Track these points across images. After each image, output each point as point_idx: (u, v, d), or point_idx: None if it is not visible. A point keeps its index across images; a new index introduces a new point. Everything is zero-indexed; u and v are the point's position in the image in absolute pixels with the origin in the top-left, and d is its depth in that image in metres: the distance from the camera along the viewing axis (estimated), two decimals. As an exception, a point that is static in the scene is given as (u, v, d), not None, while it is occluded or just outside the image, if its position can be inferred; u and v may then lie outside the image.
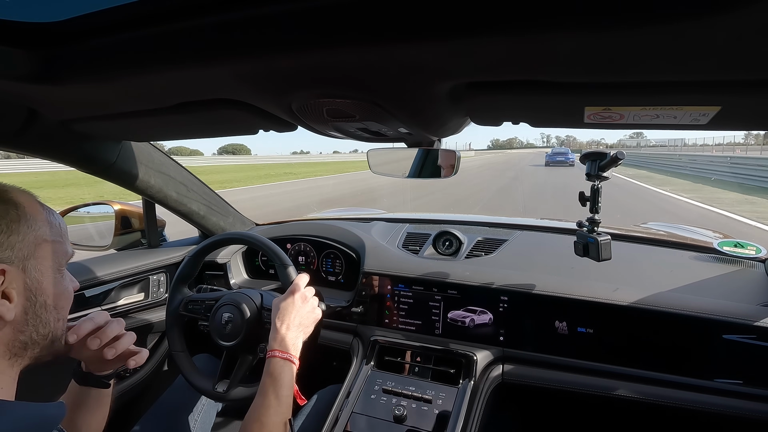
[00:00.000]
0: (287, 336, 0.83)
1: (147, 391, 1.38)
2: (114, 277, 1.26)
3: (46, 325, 0.54)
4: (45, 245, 0.54)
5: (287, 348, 0.82)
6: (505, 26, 0.34)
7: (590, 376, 1.05)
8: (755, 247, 1.15)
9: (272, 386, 0.77)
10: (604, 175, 0.92)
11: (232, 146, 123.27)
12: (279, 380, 0.78)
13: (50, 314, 0.55)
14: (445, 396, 1.04)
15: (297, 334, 0.85)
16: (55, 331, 0.56)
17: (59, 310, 0.56)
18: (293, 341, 0.84)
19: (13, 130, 0.74)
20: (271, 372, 0.79)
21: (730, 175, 14.63)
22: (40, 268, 0.53)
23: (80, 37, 0.44)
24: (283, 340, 0.83)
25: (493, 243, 1.32)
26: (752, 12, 0.28)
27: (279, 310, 0.86)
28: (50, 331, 0.55)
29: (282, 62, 0.45)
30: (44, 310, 0.54)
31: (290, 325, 0.84)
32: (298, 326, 0.86)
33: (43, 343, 0.54)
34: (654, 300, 1.00)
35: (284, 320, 0.85)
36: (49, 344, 0.55)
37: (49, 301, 0.54)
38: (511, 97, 0.51)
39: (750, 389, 0.94)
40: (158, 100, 0.64)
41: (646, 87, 0.45)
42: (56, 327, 0.56)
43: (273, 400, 0.76)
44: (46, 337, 0.54)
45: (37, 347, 0.54)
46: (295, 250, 1.49)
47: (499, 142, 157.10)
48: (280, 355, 0.81)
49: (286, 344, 0.82)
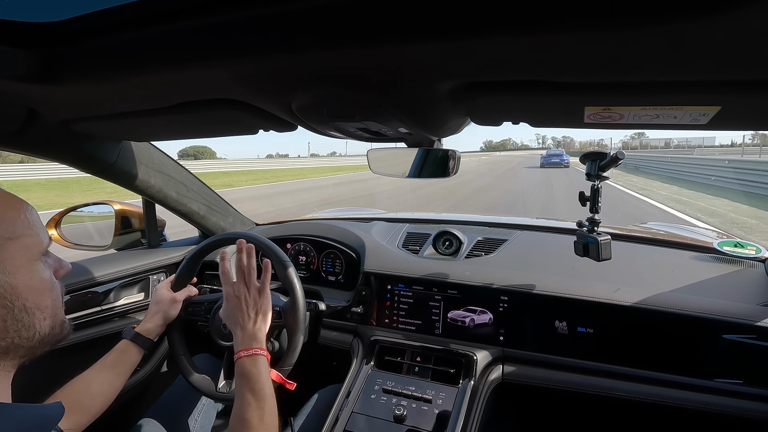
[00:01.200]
0: (245, 335, 0.84)
1: (147, 391, 1.38)
2: (114, 277, 1.26)
3: (29, 328, 0.51)
4: (9, 244, 0.50)
5: (249, 344, 0.83)
6: (505, 26, 0.34)
7: (590, 376, 1.05)
8: (755, 246, 1.15)
9: (246, 385, 0.78)
10: (604, 175, 0.92)
11: (194, 149, 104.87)
12: (250, 377, 0.78)
13: (32, 316, 0.51)
14: (445, 396, 1.04)
15: (254, 327, 0.85)
16: (42, 330, 0.52)
17: (42, 309, 0.53)
18: (253, 334, 0.84)
19: (13, 130, 0.74)
20: (241, 373, 0.80)
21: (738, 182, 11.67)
22: (10, 270, 0.49)
23: (80, 37, 0.43)
24: (242, 339, 0.84)
25: (493, 243, 1.32)
26: (752, 12, 0.28)
27: (226, 309, 0.88)
28: (35, 332, 0.51)
29: (282, 62, 0.45)
30: (24, 313, 0.50)
31: (243, 325, 0.85)
32: (251, 321, 0.86)
33: (29, 344, 0.51)
34: (654, 300, 1.00)
35: (237, 316, 0.86)
36: (37, 344, 0.52)
37: (28, 303, 0.50)
38: (511, 97, 0.51)
39: (750, 389, 0.94)
40: (158, 100, 0.63)
41: (646, 87, 0.45)
42: (42, 326, 0.52)
43: (250, 397, 0.76)
44: (31, 339, 0.51)
45: (21, 349, 0.51)
46: (295, 250, 1.49)
47: (492, 144, 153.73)
48: (244, 354, 0.81)
49: (247, 341, 0.83)
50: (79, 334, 1.17)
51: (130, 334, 0.93)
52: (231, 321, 0.88)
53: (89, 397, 0.82)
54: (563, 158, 25.30)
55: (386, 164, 0.91)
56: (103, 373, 0.86)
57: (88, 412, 0.81)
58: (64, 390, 0.80)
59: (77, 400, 0.80)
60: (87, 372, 0.85)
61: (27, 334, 0.51)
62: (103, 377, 0.86)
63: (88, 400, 0.81)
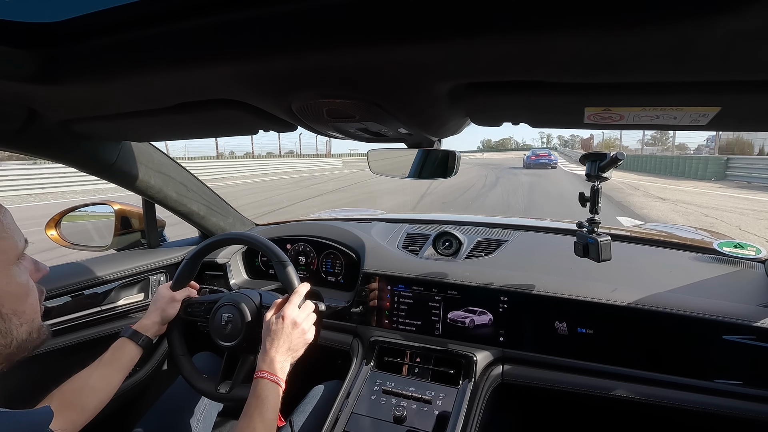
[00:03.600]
0: (276, 358, 0.82)
1: (147, 391, 1.38)
2: (114, 277, 1.26)
3: (6, 335, 0.49)
4: None
5: (275, 370, 0.81)
6: (504, 27, 0.34)
7: (590, 377, 1.05)
8: (755, 248, 1.15)
9: (258, 408, 0.76)
10: (604, 175, 0.92)
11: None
12: (266, 402, 0.77)
13: (9, 323, 0.50)
14: (445, 396, 1.04)
15: (286, 357, 0.84)
16: (19, 337, 0.51)
17: (19, 315, 0.51)
18: (281, 364, 0.82)
19: (13, 130, 0.74)
20: (258, 393, 0.78)
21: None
22: None
23: (80, 37, 0.43)
24: (272, 362, 0.81)
25: (493, 243, 1.32)
26: (752, 12, 0.28)
27: (270, 331, 0.85)
28: (13, 338, 0.50)
29: (282, 63, 0.45)
30: (0, 320, 0.49)
31: (279, 348, 0.83)
32: (287, 351, 0.84)
33: (7, 351, 0.50)
34: (654, 301, 1.00)
35: (274, 342, 0.83)
36: (15, 350, 0.51)
37: (4, 309, 0.49)
38: (510, 97, 0.51)
39: (750, 390, 0.94)
40: (158, 101, 0.64)
41: (645, 88, 0.45)
42: (20, 332, 0.51)
43: (258, 422, 0.74)
44: (9, 345, 0.50)
45: (0, 357, 0.50)
46: (295, 251, 1.49)
47: (490, 144, 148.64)
48: (268, 377, 0.79)
49: (275, 367, 0.81)
50: (79, 335, 1.17)
51: (128, 332, 0.93)
52: (273, 335, 0.84)
53: (85, 394, 0.81)
54: (551, 158, 23.21)
55: (386, 165, 0.91)
56: (100, 370, 0.86)
57: (84, 410, 0.80)
58: (61, 389, 0.80)
59: (73, 398, 0.79)
60: (84, 370, 0.85)
61: (4, 341, 0.49)
62: (100, 374, 0.85)
63: (84, 398, 0.81)
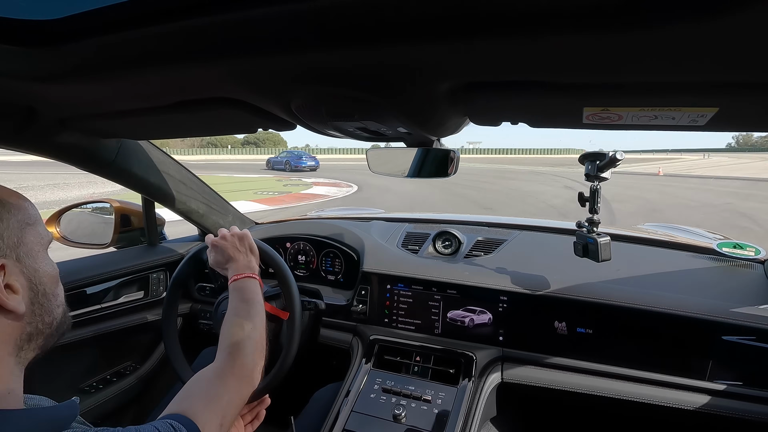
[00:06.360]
0: (238, 266, 0.84)
1: (147, 391, 1.39)
2: (114, 275, 1.26)
3: (50, 313, 0.53)
4: (29, 230, 0.51)
5: (243, 271, 0.83)
6: (503, 27, 0.34)
7: (589, 377, 1.05)
8: (754, 248, 1.15)
9: (238, 296, 0.79)
10: (603, 175, 0.92)
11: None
12: (244, 289, 0.80)
13: (51, 301, 0.53)
14: (445, 396, 1.04)
15: (245, 258, 0.87)
16: (57, 317, 0.54)
17: (56, 297, 0.55)
18: (246, 264, 0.85)
19: (12, 128, 0.74)
20: (233, 288, 0.81)
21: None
22: (32, 254, 0.51)
23: (79, 35, 0.43)
24: (236, 269, 0.84)
25: (493, 243, 1.32)
26: (751, 13, 0.28)
27: (217, 263, 0.88)
28: (53, 318, 0.53)
29: (281, 62, 0.45)
30: (45, 298, 0.52)
31: (235, 258, 0.86)
32: (242, 254, 0.87)
33: (48, 332, 0.53)
34: (653, 301, 1.00)
35: (227, 261, 0.86)
36: (54, 331, 0.54)
37: (47, 288, 0.52)
38: (509, 97, 0.51)
39: (750, 390, 0.94)
40: (157, 99, 0.64)
41: (644, 88, 0.45)
42: (57, 313, 0.54)
43: (241, 305, 0.77)
44: (51, 325, 0.53)
45: (41, 337, 0.52)
46: (295, 249, 1.49)
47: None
48: (239, 277, 0.82)
49: (242, 269, 0.84)
50: (79, 332, 1.17)
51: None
52: (222, 260, 0.88)
53: None
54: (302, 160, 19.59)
55: (385, 164, 0.91)
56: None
57: None
58: None
59: None
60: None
61: (48, 319, 0.52)
62: None
63: None
